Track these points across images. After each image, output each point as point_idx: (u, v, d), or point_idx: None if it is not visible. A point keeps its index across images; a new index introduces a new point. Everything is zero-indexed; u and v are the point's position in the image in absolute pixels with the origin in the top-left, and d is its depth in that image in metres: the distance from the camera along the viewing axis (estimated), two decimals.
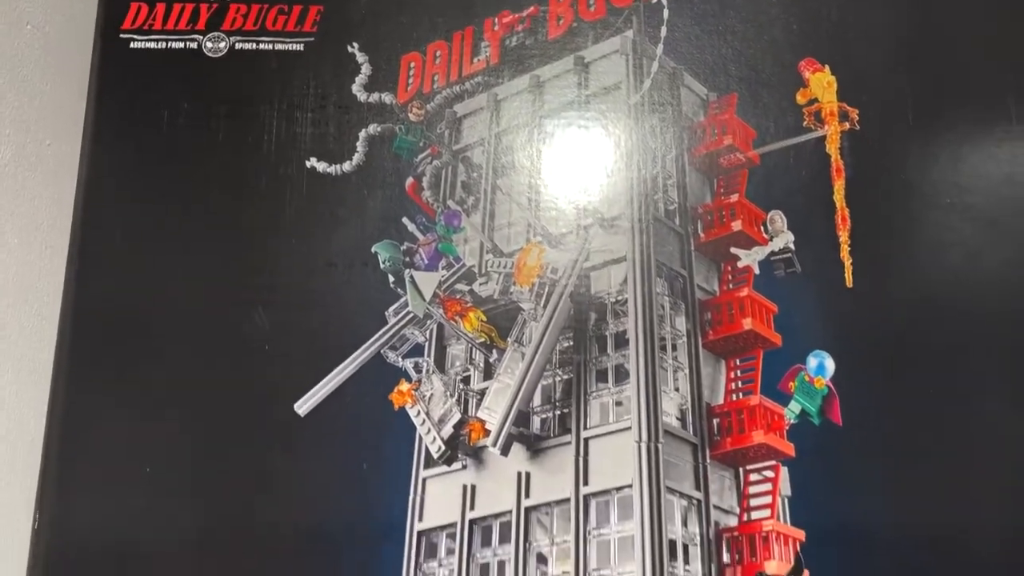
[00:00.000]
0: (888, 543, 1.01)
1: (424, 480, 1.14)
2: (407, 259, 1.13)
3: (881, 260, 1.10)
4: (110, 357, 1.09)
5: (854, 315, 1.08)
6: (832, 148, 1.13)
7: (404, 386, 1.11)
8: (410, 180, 1.15)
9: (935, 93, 1.15)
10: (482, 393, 1.16)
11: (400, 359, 1.14)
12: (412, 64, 1.19)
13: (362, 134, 1.15)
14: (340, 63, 1.17)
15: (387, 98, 1.17)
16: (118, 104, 1.16)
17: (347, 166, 1.14)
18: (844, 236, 1.11)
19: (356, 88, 1.16)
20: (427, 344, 1.17)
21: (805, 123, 1.14)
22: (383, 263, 1.12)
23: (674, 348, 1.16)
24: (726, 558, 1.09)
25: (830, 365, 1.07)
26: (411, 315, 1.13)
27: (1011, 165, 1.13)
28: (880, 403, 1.06)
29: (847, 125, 1.13)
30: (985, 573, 1.01)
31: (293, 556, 1.03)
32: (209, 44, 1.17)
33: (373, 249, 1.12)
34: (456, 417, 1.12)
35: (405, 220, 1.14)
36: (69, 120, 1.22)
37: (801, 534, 1.04)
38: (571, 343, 1.15)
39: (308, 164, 1.13)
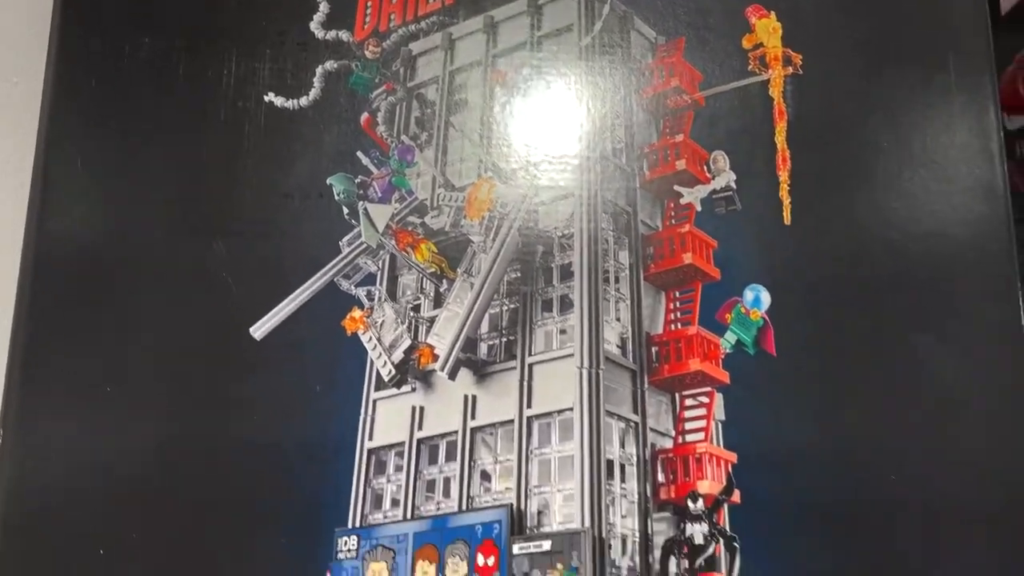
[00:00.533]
0: (815, 466, 1.05)
1: (375, 402, 1.16)
2: (361, 192, 1.15)
3: (818, 199, 1.13)
4: (73, 285, 1.12)
5: (790, 251, 1.11)
6: (775, 91, 1.15)
7: (356, 313, 1.14)
8: (365, 115, 1.18)
9: (878, 43, 1.18)
10: (432, 320, 1.18)
11: (353, 287, 1.16)
12: (369, 3, 1.21)
13: (319, 70, 1.17)
14: (299, 0, 1.18)
15: (344, 35, 1.18)
16: (80, 38, 1.17)
17: (304, 101, 1.16)
18: (784, 176, 1.13)
19: (314, 25, 1.18)
20: (379, 273, 1.19)
21: (750, 67, 1.16)
22: (338, 195, 1.14)
23: (617, 280, 1.18)
24: (661, 477, 1.12)
25: (765, 298, 1.10)
26: (364, 245, 1.15)
27: (948, 113, 1.16)
28: (812, 335, 1.10)
29: (790, 70, 1.16)
30: (910, 495, 1.05)
31: (250, 472, 1.07)
32: None
33: (328, 181, 1.14)
34: (406, 343, 1.15)
35: (360, 154, 1.16)
36: (35, 57, 1.21)
37: (733, 457, 1.08)
38: (518, 274, 1.17)
39: (266, 99, 1.15)
